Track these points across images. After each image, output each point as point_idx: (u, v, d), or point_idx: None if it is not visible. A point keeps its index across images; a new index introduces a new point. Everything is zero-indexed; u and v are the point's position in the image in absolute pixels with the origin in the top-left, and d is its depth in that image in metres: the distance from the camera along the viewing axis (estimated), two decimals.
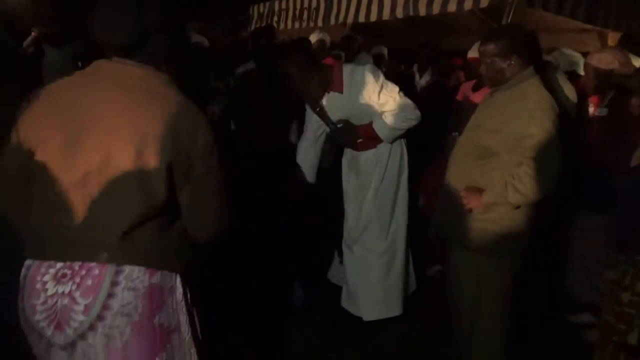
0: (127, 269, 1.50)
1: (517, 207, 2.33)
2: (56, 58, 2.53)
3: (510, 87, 2.38)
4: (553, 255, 3.30)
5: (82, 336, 1.50)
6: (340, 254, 3.40)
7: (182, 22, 1.73)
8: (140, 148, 1.47)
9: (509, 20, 3.94)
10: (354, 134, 3.05)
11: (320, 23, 5.43)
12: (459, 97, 3.90)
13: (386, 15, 4.76)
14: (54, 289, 1.50)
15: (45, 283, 1.51)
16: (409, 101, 2.94)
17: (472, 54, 3.87)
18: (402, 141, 3.15)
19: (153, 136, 1.48)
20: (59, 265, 1.50)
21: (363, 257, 3.15)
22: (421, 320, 3.26)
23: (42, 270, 1.51)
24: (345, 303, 3.26)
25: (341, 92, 2.94)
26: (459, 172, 2.50)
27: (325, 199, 3.41)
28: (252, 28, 6.32)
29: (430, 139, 3.46)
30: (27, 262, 1.56)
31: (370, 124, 3.01)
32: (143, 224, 1.50)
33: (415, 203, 3.31)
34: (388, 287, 3.15)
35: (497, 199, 2.32)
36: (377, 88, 2.88)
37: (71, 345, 1.50)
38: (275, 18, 6.22)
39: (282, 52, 3.59)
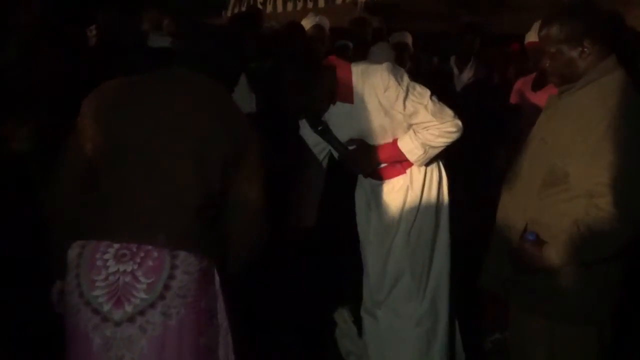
0: (182, 254, 2.05)
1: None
2: None
3: (585, 86, 2.40)
4: None
5: (142, 312, 2.01)
6: (358, 324, 3.42)
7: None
8: (201, 141, 2.12)
9: None
10: (372, 158, 3.07)
11: (322, 2, 5.28)
12: (512, 98, 3.91)
13: None
14: (116, 267, 2.03)
15: (106, 261, 2.03)
16: (446, 108, 2.94)
17: (531, 37, 3.90)
18: (440, 163, 3.17)
19: (212, 130, 2.14)
20: (117, 245, 2.04)
21: (392, 326, 3.17)
22: None
23: (102, 249, 2.04)
24: None
25: (351, 102, 2.96)
26: (517, 206, 2.52)
27: (334, 245, 3.51)
28: (230, 13, 6.27)
29: (476, 158, 3.51)
30: (79, 243, 2.10)
31: (395, 142, 3.03)
32: (198, 213, 2.09)
33: (460, 248, 3.31)
34: None
35: (565, 250, 2.33)
36: (402, 93, 2.88)
37: (129, 321, 2.00)
38: None
39: (272, 44, 3.62)
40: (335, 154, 3.17)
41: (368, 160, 3.09)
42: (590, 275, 2.40)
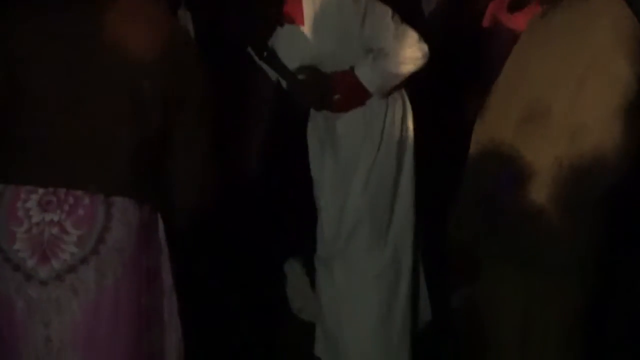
0: (118, 201, 1.90)
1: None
2: None
3: (571, 5, 2.35)
4: None
5: (71, 269, 1.85)
6: (311, 277, 3.42)
7: None
8: (135, 72, 1.94)
9: None
10: (325, 89, 3.03)
11: None
12: (485, 22, 3.77)
13: None
14: (40, 216, 1.86)
15: (28, 209, 1.87)
16: (410, 30, 2.93)
17: None
18: (404, 95, 3.16)
19: (150, 60, 1.95)
20: (41, 191, 1.87)
21: (349, 279, 3.17)
22: None
23: (23, 195, 1.88)
24: (321, 352, 3.30)
25: (301, 23, 2.94)
26: (491, 144, 2.48)
27: (284, 190, 3.55)
28: None
29: (445, 89, 3.47)
30: None
31: (351, 70, 2.98)
32: (137, 154, 1.95)
33: (426, 192, 3.30)
34: (389, 325, 3.15)
35: (545, 191, 2.32)
36: (359, 13, 2.87)
37: (57, 279, 1.85)
38: None
39: None
40: (284, 84, 3.14)
41: (321, 91, 3.05)
42: (572, 220, 2.37)
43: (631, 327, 3.39)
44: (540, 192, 2.36)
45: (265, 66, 3.08)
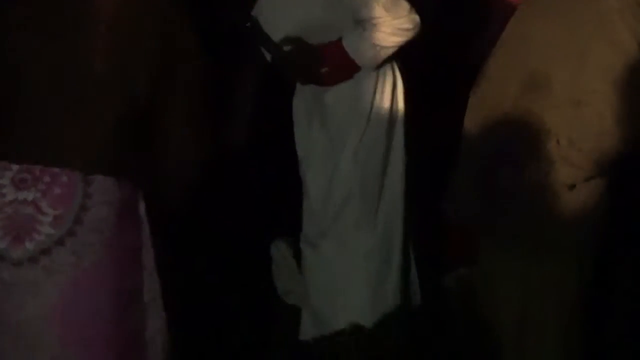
0: (97, 179, 1.85)
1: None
2: None
3: None
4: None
5: (46, 251, 1.81)
6: (298, 257, 3.41)
7: None
8: (120, 41, 1.87)
9: None
10: (313, 61, 3.02)
11: None
12: None
13: None
14: (14, 194, 1.82)
15: (1, 187, 1.82)
16: (400, 0, 2.89)
17: None
18: (395, 67, 3.13)
19: (136, 27, 1.89)
20: (15, 167, 1.83)
21: (337, 259, 3.16)
22: (432, 352, 3.24)
23: None
24: (308, 335, 3.28)
25: None
26: (488, 118, 2.46)
27: (269, 165, 3.51)
28: None
29: (439, 61, 3.44)
30: None
31: (339, 42, 2.96)
32: (118, 128, 1.88)
33: (420, 170, 3.28)
34: (380, 305, 3.14)
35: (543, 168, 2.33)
36: None
37: (30, 261, 1.81)
38: None
39: None
40: (268, 57, 3.11)
41: (308, 63, 3.04)
42: (572, 200, 2.38)
43: (631, 326, 3.33)
44: (539, 169, 2.34)
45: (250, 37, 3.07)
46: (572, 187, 2.35)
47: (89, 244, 1.86)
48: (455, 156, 2.65)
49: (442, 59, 3.50)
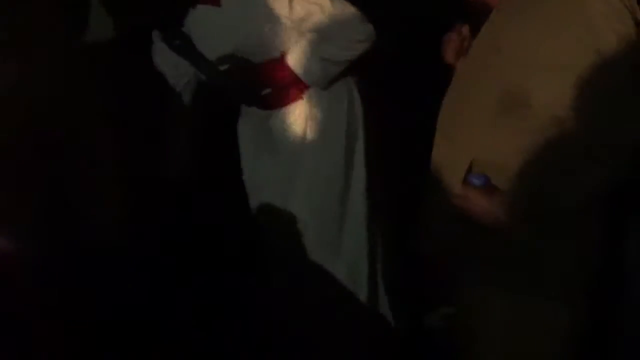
0: None
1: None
2: None
3: None
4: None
5: None
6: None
7: None
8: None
9: None
10: (253, 82, 2.93)
11: None
12: None
13: None
14: None
15: None
16: (350, 7, 2.80)
17: None
18: (351, 83, 3.04)
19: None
20: None
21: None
22: None
23: None
24: None
25: (218, 4, 2.81)
26: (459, 141, 2.39)
27: (216, 198, 3.48)
28: None
29: (403, 75, 3.47)
30: None
31: (283, 59, 2.87)
32: None
33: (387, 197, 3.25)
34: None
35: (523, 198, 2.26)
36: None
37: None
38: None
39: None
40: (203, 78, 3.00)
41: (249, 85, 2.95)
42: (558, 235, 2.29)
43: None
44: (520, 198, 2.24)
45: (178, 57, 2.94)
46: (558, 221, 2.26)
47: None
48: (422, 181, 2.58)
49: (407, 72, 3.51)
